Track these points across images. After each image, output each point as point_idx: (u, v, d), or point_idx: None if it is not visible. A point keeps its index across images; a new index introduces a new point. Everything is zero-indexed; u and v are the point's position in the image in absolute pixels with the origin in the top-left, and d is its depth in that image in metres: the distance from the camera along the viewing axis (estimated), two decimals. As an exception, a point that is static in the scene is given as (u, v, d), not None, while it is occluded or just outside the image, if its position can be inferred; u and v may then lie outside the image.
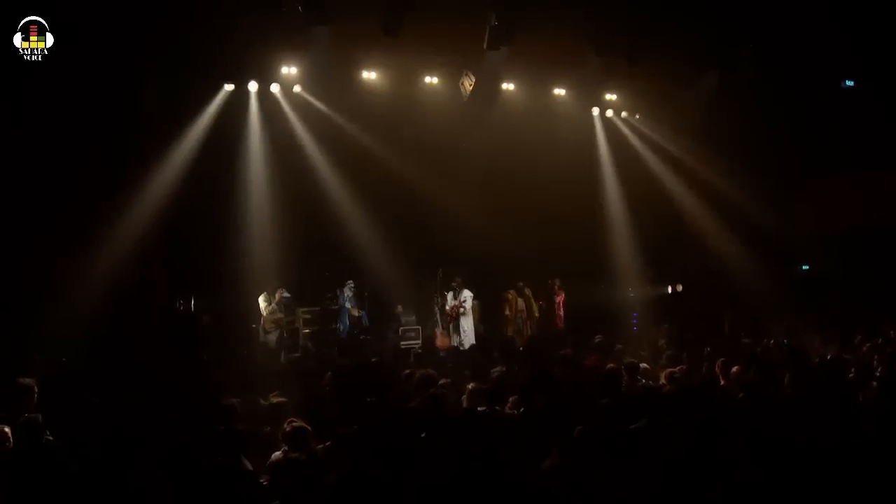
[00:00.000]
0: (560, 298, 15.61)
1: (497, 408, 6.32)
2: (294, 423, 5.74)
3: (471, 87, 13.30)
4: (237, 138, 13.03)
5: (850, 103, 14.84)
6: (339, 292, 14.65)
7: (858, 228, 15.13)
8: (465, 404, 6.81)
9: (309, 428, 5.75)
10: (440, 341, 14.65)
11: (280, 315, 13.20)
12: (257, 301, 13.04)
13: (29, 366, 8.61)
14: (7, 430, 5.49)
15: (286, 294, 13.36)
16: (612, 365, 7.71)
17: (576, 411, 6.21)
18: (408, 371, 8.05)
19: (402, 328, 14.97)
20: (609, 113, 15.85)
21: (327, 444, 5.93)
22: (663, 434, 5.59)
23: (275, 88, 13.15)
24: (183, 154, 12.09)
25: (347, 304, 14.65)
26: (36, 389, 6.21)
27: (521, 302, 14.99)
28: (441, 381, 7.48)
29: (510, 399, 6.86)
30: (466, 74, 13.33)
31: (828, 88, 14.90)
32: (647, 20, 11.44)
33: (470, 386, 6.94)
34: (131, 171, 11.11)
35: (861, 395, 6.81)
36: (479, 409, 6.42)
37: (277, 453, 5.67)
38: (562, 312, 15.59)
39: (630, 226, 15.79)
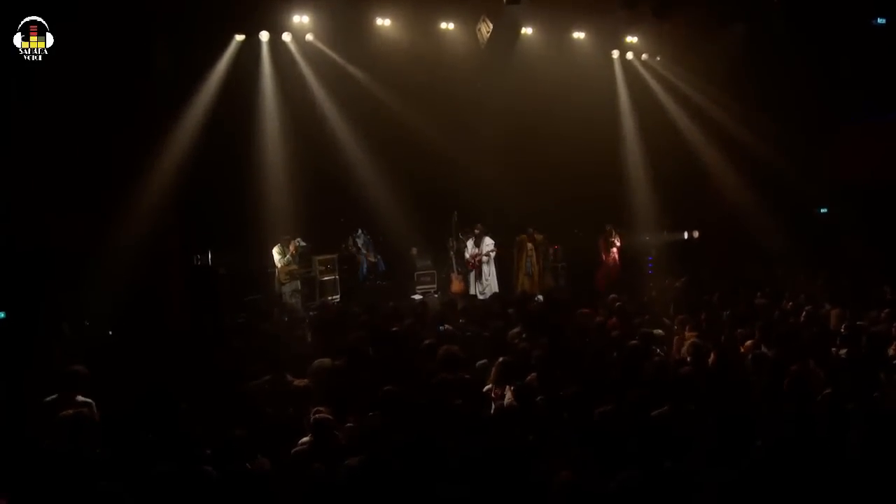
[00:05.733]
0: (616, 248, 15.15)
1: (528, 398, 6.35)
2: (318, 415, 5.85)
3: (488, 34, 12.89)
4: (249, 90, 12.84)
5: (882, 43, 14.29)
6: (353, 238, 14.76)
7: (885, 176, 14.69)
8: (492, 377, 6.93)
9: (331, 418, 5.87)
10: (455, 286, 14.75)
11: (294, 266, 13.16)
12: (271, 253, 13.06)
13: (59, 335, 8.79)
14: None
15: (302, 244, 13.26)
16: (634, 342, 7.71)
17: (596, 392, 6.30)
18: (428, 342, 8.12)
19: (417, 272, 15.10)
20: (629, 55, 15.37)
21: (349, 426, 6.09)
22: (688, 424, 5.61)
23: (286, 38, 12.85)
24: (196, 108, 11.89)
25: (364, 250, 14.81)
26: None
27: (530, 247, 14.94)
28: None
29: (529, 377, 6.96)
30: (484, 20, 12.89)
31: (858, 27, 14.33)
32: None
33: (500, 360, 7.02)
34: (145, 129, 10.94)
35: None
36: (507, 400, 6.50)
37: (305, 439, 5.83)
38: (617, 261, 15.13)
39: (648, 171, 15.49)
